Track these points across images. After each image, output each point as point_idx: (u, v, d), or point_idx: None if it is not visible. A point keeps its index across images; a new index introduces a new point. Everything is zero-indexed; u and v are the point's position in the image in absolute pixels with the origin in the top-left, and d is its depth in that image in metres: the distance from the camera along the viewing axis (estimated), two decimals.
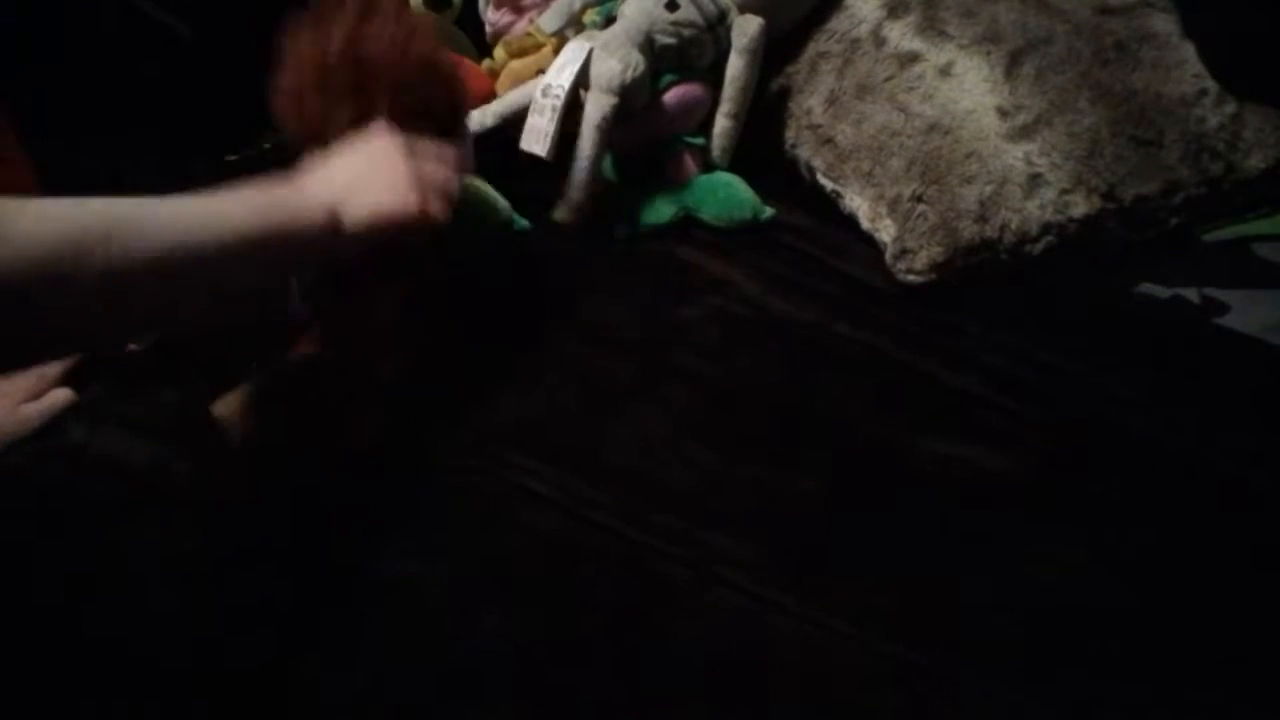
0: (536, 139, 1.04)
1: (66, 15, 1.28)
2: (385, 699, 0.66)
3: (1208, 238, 0.99)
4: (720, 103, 1.08)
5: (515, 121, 1.07)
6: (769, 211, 1.06)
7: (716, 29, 1.05)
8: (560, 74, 1.03)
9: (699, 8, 1.04)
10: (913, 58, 1.05)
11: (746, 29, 1.05)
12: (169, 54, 1.36)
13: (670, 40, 1.04)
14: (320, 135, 0.74)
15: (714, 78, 1.08)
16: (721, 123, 1.09)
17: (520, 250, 1.06)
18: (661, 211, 1.07)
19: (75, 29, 1.28)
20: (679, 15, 1.04)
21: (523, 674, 0.68)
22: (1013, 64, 1.00)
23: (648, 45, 1.03)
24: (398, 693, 0.67)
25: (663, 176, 1.09)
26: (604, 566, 0.74)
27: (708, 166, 1.10)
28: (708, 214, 1.06)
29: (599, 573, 0.74)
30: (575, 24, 1.12)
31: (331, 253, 0.68)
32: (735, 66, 1.06)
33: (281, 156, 1.33)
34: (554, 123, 1.02)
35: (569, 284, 1.02)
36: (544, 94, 1.04)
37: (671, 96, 1.06)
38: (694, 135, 1.09)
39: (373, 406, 0.76)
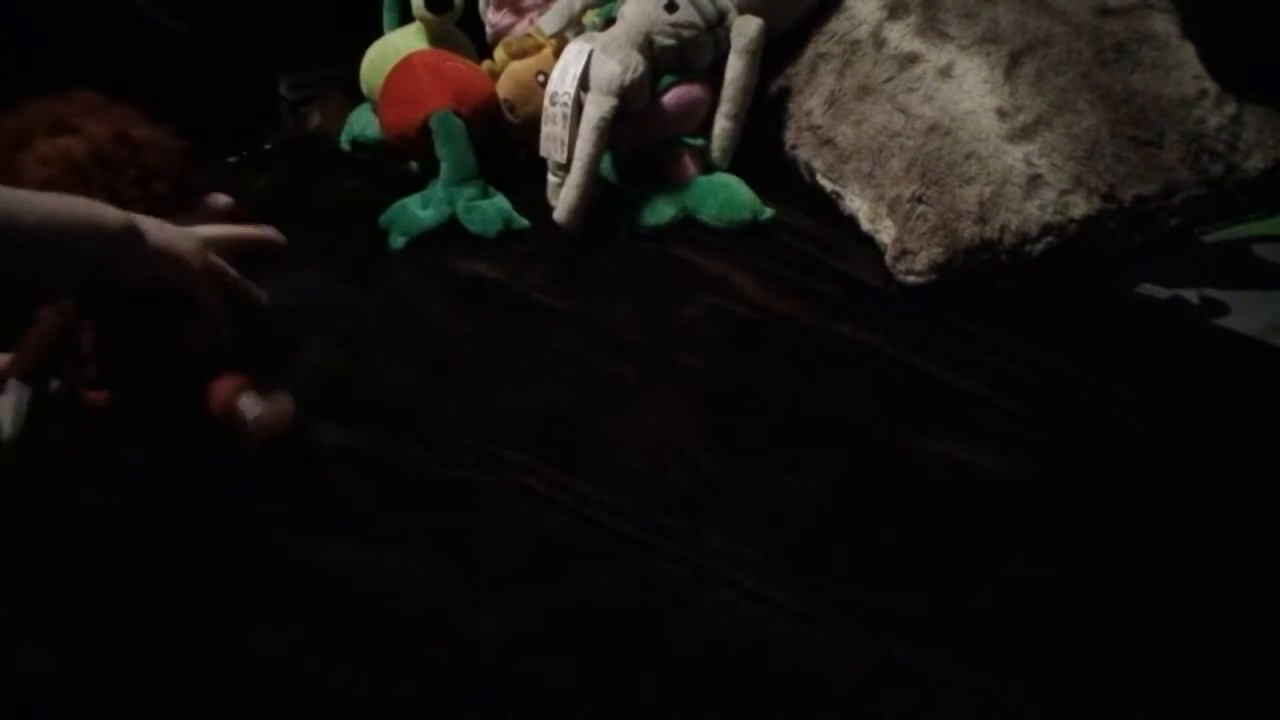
0: (555, 146, 1.06)
1: (67, 16, 1.28)
2: (385, 699, 0.66)
3: (1208, 238, 0.99)
4: (720, 104, 1.08)
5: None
6: (769, 212, 1.06)
7: (716, 30, 1.06)
8: (564, 80, 1.04)
9: (698, 9, 1.05)
10: (912, 59, 1.05)
11: (746, 30, 1.05)
12: (169, 54, 1.36)
13: (670, 41, 1.04)
14: None
15: (714, 79, 1.08)
16: (721, 124, 1.09)
17: (520, 250, 1.07)
18: (661, 212, 1.07)
19: (75, 29, 1.29)
20: (678, 16, 1.04)
21: (523, 674, 0.67)
22: (1013, 65, 1.00)
23: (647, 46, 1.03)
24: (398, 693, 0.67)
25: (663, 177, 1.09)
26: (604, 566, 0.74)
27: (707, 167, 1.10)
28: (707, 214, 1.06)
29: (599, 573, 0.74)
30: (575, 25, 1.12)
31: (128, 267, 0.71)
32: (735, 67, 1.06)
33: (282, 157, 1.33)
34: (567, 128, 1.03)
35: (569, 284, 1.02)
36: (552, 102, 1.05)
37: (671, 98, 1.06)
38: (694, 136, 1.09)
39: None
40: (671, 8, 1.04)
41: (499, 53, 1.18)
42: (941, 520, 0.77)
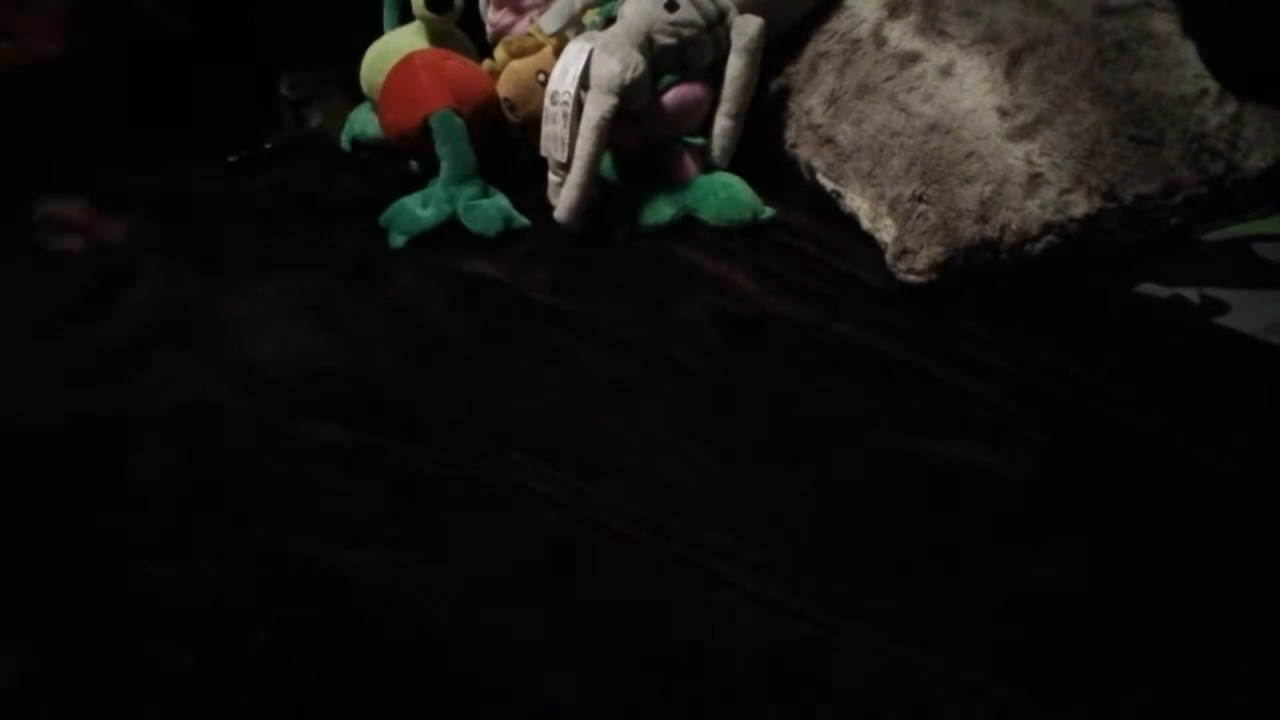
0: (555, 145, 1.06)
1: None
2: (383, 699, 0.66)
3: (1208, 238, 0.99)
4: (720, 103, 1.08)
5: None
6: (769, 212, 1.06)
7: (716, 29, 1.06)
8: (564, 79, 1.04)
9: (698, 8, 1.05)
10: (913, 58, 1.05)
11: (746, 29, 1.05)
12: (169, 54, 1.36)
13: (670, 41, 1.04)
14: None
15: (714, 78, 1.08)
16: (721, 123, 1.09)
17: (520, 250, 1.07)
18: (661, 211, 1.07)
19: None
20: (678, 15, 1.04)
21: (522, 674, 0.67)
22: (1013, 64, 1.00)
23: (647, 46, 1.03)
24: (395, 693, 0.67)
25: (663, 176, 1.09)
26: (604, 566, 0.74)
27: (708, 166, 1.10)
28: (707, 214, 1.06)
29: (599, 573, 0.74)
30: (575, 24, 1.12)
31: None
32: (735, 66, 1.06)
33: (282, 157, 1.33)
34: (567, 128, 1.03)
35: (569, 283, 1.02)
36: (553, 102, 1.05)
37: (671, 97, 1.06)
38: (694, 135, 1.09)
39: None
40: (672, 7, 1.04)
41: (499, 52, 1.18)
42: (941, 520, 0.77)
